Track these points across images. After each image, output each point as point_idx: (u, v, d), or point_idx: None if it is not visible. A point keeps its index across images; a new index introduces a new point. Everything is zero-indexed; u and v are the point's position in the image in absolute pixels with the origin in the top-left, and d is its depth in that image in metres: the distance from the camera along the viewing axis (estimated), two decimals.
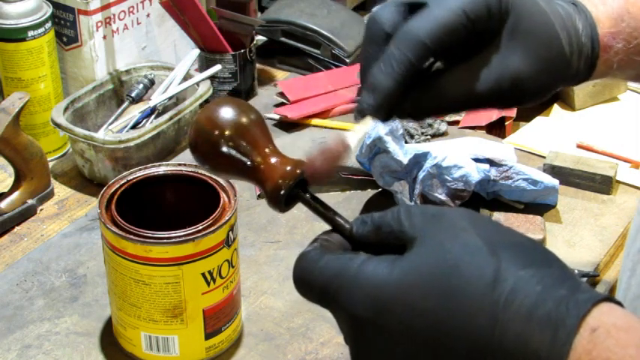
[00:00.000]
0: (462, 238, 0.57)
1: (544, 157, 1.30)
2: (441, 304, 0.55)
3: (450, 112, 0.75)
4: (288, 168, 0.66)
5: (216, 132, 0.66)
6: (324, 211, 0.66)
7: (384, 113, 0.70)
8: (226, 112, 0.67)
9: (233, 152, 0.66)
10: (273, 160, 0.67)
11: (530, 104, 0.76)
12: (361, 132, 0.70)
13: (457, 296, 0.55)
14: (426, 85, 0.71)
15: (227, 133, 0.66)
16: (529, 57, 0.71)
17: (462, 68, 0.71)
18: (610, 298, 0.55)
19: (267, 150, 0.67)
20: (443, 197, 1.17)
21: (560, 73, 0.73)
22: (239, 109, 0.67)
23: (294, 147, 1.33)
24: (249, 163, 0.67)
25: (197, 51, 1.40)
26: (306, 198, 0.67)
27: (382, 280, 0.57)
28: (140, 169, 1.00)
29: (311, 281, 0.60)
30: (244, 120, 0.67)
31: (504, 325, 0.54)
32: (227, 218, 0.94)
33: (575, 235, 1.19)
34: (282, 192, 0.66)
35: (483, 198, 1.22)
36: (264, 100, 1.46)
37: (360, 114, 0.70)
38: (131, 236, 0.92)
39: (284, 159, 0.67)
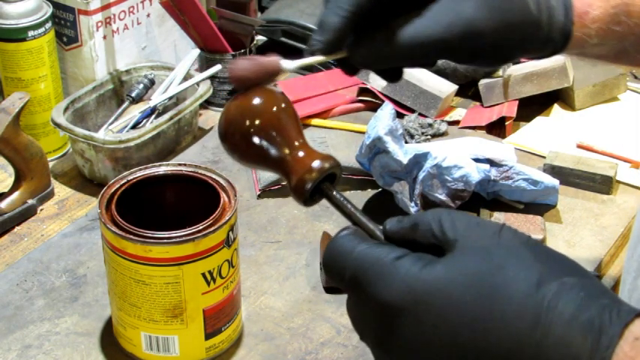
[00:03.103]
0: (507, 245, 0.57)
1: (544, 157, 1.30)
2: (483, 301, 0.54)
3: (407, 61, 0.74)
4: (316, 163, 0.65)
5: (248, 122, 0.65)
6: (349, 209, 0.64)
7: (332, 50, 0.71)
8: (257, 102, 0.66)
9: (264, 143, 0.65)
10: (301, 153, 0.66)
11: (488, 64, 0.75)
12: (303, 61, 0.71)
13: (500, 295, 0.54)
14: (380, 29, 0.71)
15: (258, 123, 0.65)
16: (485, 8, 0.70)
17: (417, 13, 0.71)
18: None
19: (296, 143, 0.66)
20: (443, 197, 1.17)
21: (524, 33, 0.72)
22: (269, 97, 0.66)
23: None
24: (277, 154, 0.65)
25: (197, 51, 1.40)
26: (331, 194, 0.66)
27: (422, 273, 0.56)
28: (140, 169, 1.00)
29: (345, 265, 0.59)
30: (275, 110, 0.66)
31: (546, 327, 0.53)
32: (227, 218, 0.94)
33: (575, 235, 1.19)
34: (308, 187, 0.65)
35: (483, 198, 1.22)
36: None
37: (309, 52, 0.71)
38: (131, 236, 0.92)
39: (312, 153, 0.66)
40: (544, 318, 0.53)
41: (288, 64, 0.69)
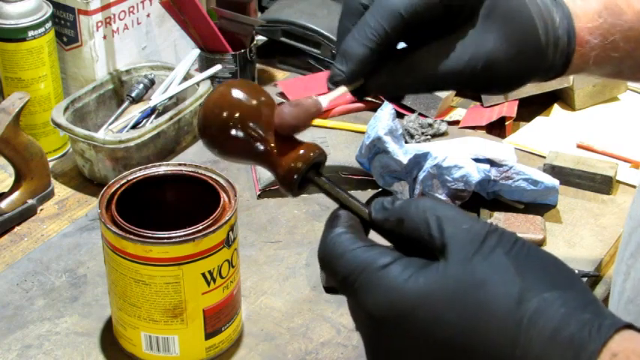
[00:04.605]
0: (491, 256, 0.56)
1: (544, 157, 1.30)
2: (464, 318, 0.55)
3: (424, 89, 0.74)
4: (301, 151, 0.65)
5: (225, 114, 0.64)
6: (339, 195, 0.64)
7: (355, 81, 0.70)
8: (235, 94, 0.65)
9: (242, 135, 0.64)
10: (283, 143, 0.65)
11: (500, 92, 0.75)
12: (334, 95, 0.70)
13: (481, 312, 0.54)
14: (400, 60, 0.71)
15: (236, 115, 0.64)
16: (504, 41, 0.71)
17: (437, 44, 0.71)
18: (632, 325, 0.55)
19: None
20: (443, 197, 1.17)
21: (534, 63, 0.73)
22: (248, 90, 0.66)
23: None
24: (259, 146, 0.65)
25: (197, 51, 1.40)
26: (320, 182, 0.65)
27: (406, 286, 0.56)
28: (140, 169, 1.00)
29: (337, 268, 0.59)
30: (254, 102, 0.65)
31: (526, 345, 0.53)
32: (227, 218, 0.94)
33: (575, 235, 1.19)
34: (296, 176, 0.64)
35: (483, 198, 1.22)
36: None
37: (332, 82, 0.70)
38: (131, 236, 0.92)
39: (295, 142, 0.65)
40: (524, 336, 0.53)
41: (324, 102, 0.69)
